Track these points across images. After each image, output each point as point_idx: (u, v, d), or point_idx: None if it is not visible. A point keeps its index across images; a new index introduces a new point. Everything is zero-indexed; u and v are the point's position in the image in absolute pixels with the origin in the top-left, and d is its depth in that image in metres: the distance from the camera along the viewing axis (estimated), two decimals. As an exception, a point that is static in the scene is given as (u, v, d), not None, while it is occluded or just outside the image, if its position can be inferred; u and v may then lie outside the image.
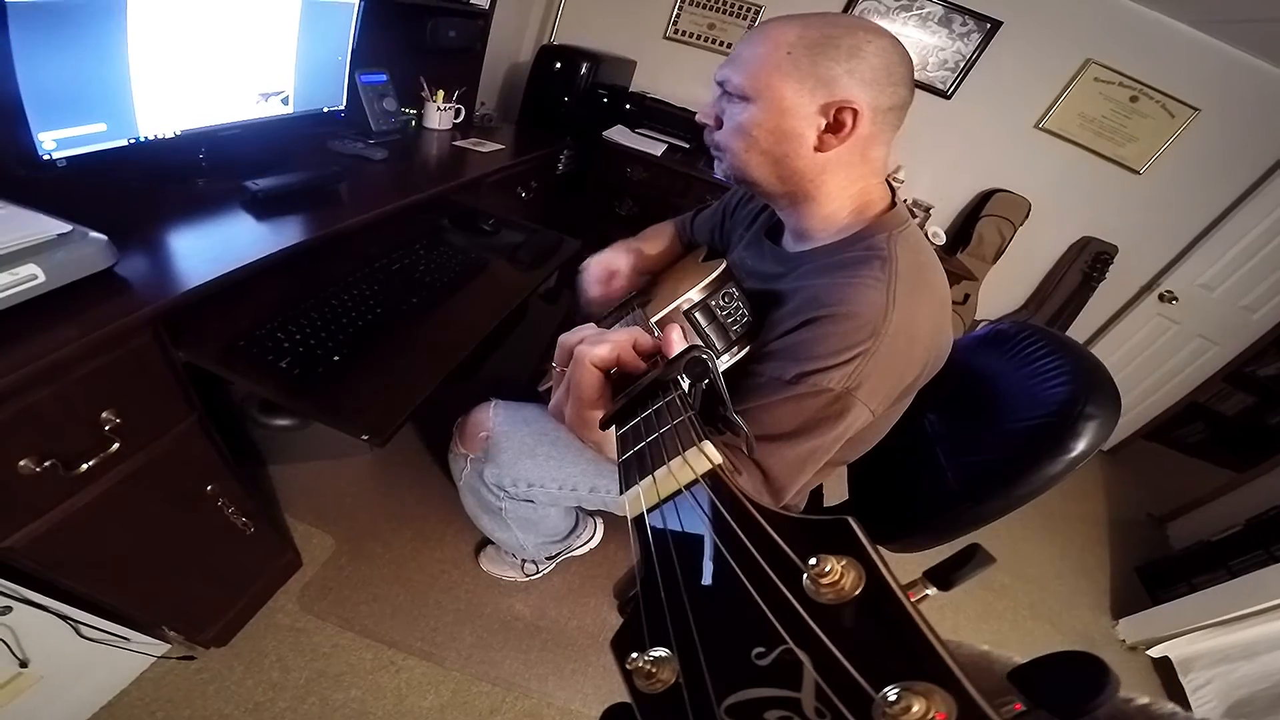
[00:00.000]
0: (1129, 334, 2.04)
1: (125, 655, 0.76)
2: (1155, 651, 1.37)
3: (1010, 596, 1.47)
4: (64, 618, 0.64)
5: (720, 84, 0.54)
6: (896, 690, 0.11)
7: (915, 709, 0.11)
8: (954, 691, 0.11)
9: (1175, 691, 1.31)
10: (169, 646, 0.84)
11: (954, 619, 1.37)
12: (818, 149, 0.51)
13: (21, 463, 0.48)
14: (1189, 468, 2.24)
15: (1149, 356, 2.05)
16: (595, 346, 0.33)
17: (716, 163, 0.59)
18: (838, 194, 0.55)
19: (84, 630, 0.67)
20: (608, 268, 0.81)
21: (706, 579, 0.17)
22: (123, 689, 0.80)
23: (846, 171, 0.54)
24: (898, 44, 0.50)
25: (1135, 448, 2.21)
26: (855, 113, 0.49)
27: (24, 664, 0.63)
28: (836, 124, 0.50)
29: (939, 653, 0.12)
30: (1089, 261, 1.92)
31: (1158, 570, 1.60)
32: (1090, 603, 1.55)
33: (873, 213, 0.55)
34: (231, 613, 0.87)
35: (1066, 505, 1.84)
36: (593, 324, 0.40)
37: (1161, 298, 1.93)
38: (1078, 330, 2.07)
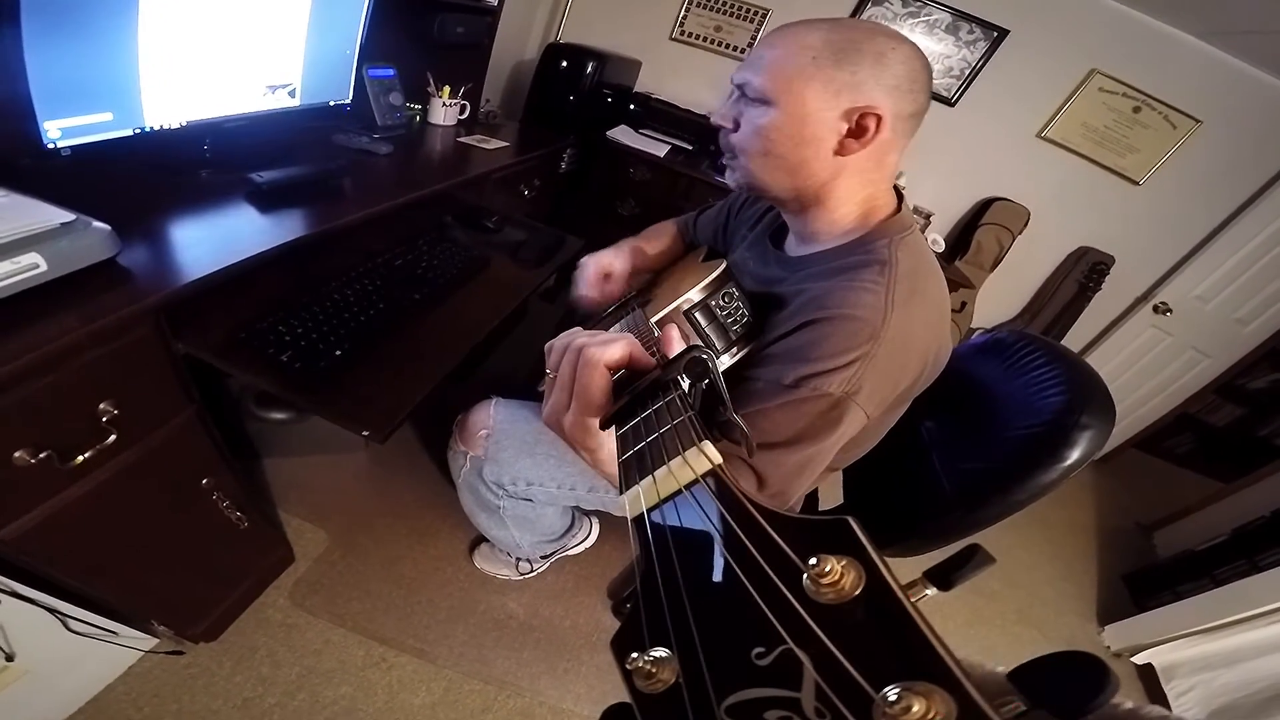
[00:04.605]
0: (1123, 345, 2.05)
1: (113, 649, 0.75)
2: (1139, 658, 1.39)
3: (1000, 602, 1.48)
4: (52, 611, 0.64)
5: (739, 87, 0.53)
6: (897, 690, 0.11)
7: (915, 709, 0.11)
8: (954, 692, 0.11)
9: (1158, 698, 1.32)
10: (157, 641, 0.83)
11: (942, 625, 1.33)
12: (837, 153, 0.51)
13: (17, 454, 0.48)
14: (1177, 478, 2.26)
15: (1142, 368, 2.06)
16: (604, 348, 0.33)
17: (729, 171, 0.58)
18: (847, 198, 0.55)
19: (72, 624, 0.66)
20: (603, 269, 0.81)
21: (706, 579, 0.17)
22: (109, 683, 0.79)
23: (860, 176, 0.54)
24: (919, 51, 0.50)
25: (1125, 457, 2.23)
26: (879, 118, 0.49)
27: (10, 657, 0.62)
28: (859, 129, 0.50)
29: (939, 653, 0.12)
30: (1085, 271, 1.93)
31: (1144, 578, 1.61)
32: (1077, 609, 1.56)
33: (878, 218, 0.56)
34: (222, 607, 0.87)
35: (1056, 512, 1.86)
36: (579, 328, 0.39)
37: (1156, 309, 1.94)
38: (1072, 340, 2.08)
